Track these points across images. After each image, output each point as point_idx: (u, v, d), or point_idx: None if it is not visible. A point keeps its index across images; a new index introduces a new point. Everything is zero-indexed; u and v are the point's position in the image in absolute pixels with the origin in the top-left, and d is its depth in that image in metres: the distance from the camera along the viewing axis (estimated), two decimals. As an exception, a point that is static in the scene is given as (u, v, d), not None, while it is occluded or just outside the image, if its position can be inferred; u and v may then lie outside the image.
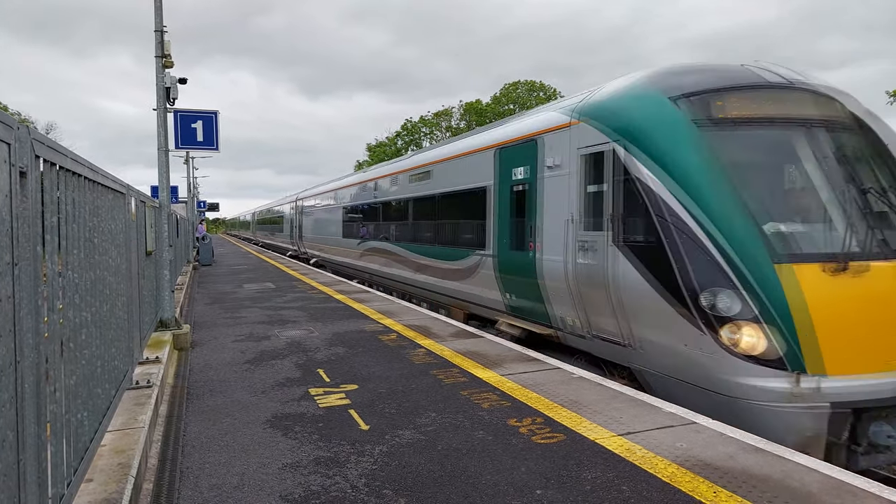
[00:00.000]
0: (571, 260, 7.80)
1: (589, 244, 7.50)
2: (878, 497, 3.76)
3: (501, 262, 9.89)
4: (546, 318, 8.74)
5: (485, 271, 10.52)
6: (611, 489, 3.99)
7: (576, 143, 7.88)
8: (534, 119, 9.48)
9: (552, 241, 8.31)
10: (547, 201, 8.53)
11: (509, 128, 10.35)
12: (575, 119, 7.99)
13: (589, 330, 7.72)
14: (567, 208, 7.98)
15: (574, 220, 7.82)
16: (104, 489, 3.53)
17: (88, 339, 3.74)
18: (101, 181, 4.29)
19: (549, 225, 8.43)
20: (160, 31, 9.01)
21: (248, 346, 8.70)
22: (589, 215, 7.61)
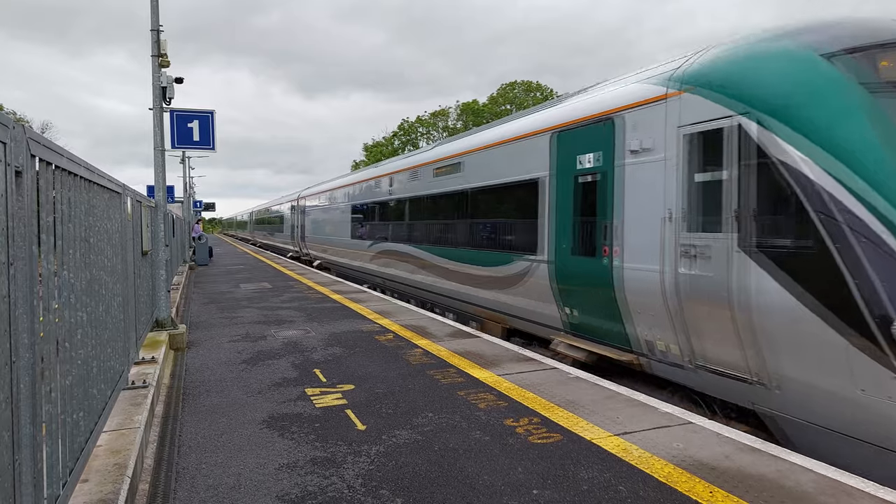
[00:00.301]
0: (669, 269, 6.32)
1: (699, 249, 5.97)
2: (874, 497, 3.78)
3: (560, 270, 8.30)
4: (624, 341, 7.28)
5: (536, 280, 8.89)
6: (608, 489, 3.99)
7: (676, 120, 6.34)
8: (608, 94, 7.76)
9: (637, 244, 6.84)
10: (629, 194, 7.01)
11: (569, 106, 8.59)
12: (675, 89, 6.42)
13: (692, 359, 6.26)
14: (662, 203, 6.48)
15: (673, 219, 6.31)
16: (100, 490, 3.52)
17: (84, 340, 3.73)
18: (97, 181, 4.27)
19: (633, 224, 6.93)
20: (156, 31, 8.99)
21: (244, 347, 8.69)
22: (698, 212, 6.09)
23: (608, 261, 7.31)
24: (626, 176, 7.08)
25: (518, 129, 9.86)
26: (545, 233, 8.68)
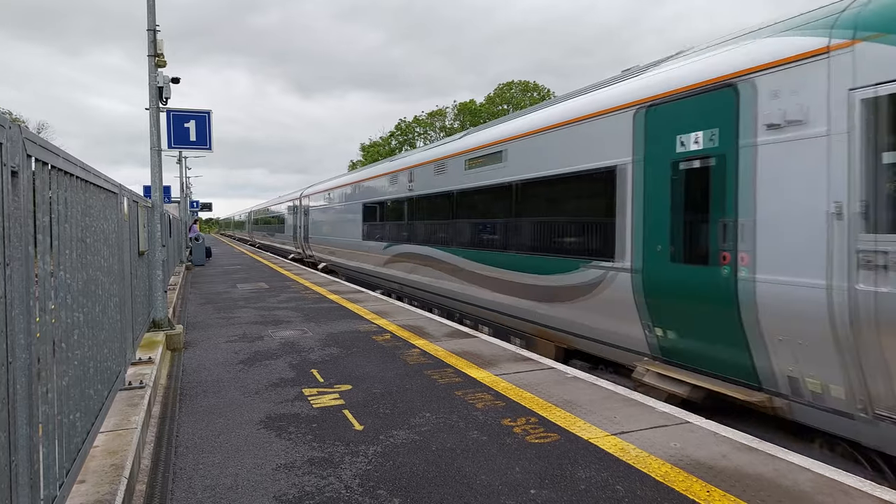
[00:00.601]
0: (840, 284, 4.80)
1: (891, 257, 4.47)
2: (870, 495, 3.78)
3: (649, 280, 6.77)
4: (749, 375, 5.79)
5: (612, 292, 7.35)
6: (605, 489, 4.00)
7: (847, 80, 4.81)
8: (723, 55, 6.19)
9: (780, 249, 5.31)
10: (766, 183, 5.45)
11: (661, 75, 6.97)
12: (843, 38, 4.89)
13: (868, 405, 4.78)
14: (824, 194, 4.94)
15: (846, 215, 4.77)
16: (97, 490, 3.51)
17: (81, 340, 3.72)
18: (94, 181, 4.26)
19: (774, 223, 5.39)
20: (153, 31, 8.97)
21: (241, 347, 8.68)
22: (890, 206, 4.56)
23: (730, 270, 5.76)
24: (759, 159, 5.51)
25: (582, 107, 8.09)
26: (627, 234, 7.14)
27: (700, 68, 6.36)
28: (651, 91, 6.91)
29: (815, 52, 5.13)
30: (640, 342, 7.08)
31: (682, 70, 6.62)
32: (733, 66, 5.89)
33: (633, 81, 7.42)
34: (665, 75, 6.86)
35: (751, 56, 5.74)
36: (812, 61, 5.14)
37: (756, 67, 5.61)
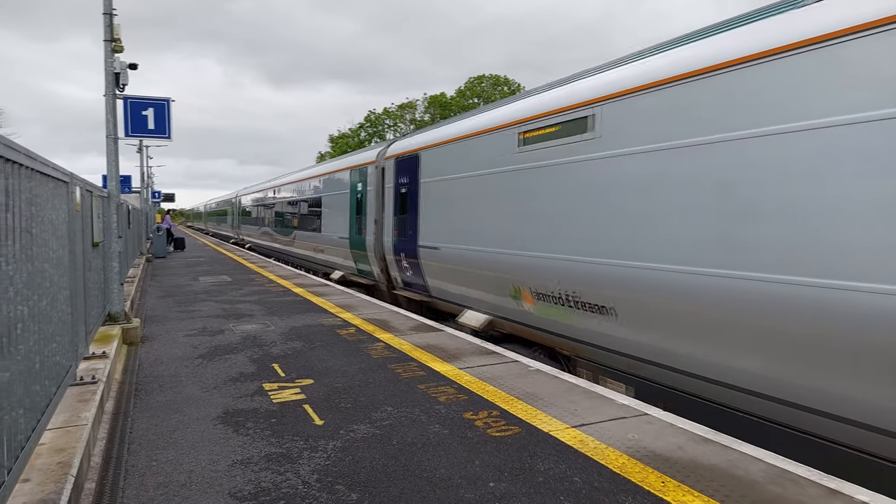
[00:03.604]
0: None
1: None
2: (818, 484, 3.88)
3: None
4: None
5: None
6: (563, 480, 4.02)
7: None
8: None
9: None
10: None
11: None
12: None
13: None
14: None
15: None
16: (41, 489, 3.39)
17: (25, 334, 3.59)
18: (41, 169, 4.11)
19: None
20: (109, 14, 8.69)
21: (201, 341, 8.51)
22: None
23: None
24: None
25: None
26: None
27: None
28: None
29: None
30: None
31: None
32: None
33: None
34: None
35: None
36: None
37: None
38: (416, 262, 11.98)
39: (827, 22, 4.74)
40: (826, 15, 4.81)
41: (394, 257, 13.31)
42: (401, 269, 13.12)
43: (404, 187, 12.72)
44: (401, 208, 12.85)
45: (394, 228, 13.20)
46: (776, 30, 5.25)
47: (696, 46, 6.17)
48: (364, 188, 15.45)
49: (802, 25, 4.99)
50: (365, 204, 15.27)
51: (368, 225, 14.92)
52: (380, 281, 14.87)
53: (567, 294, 7.51)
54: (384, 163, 14.20)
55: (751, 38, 5.47)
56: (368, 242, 14.91)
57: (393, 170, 13.50)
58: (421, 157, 12.04)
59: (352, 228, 16.25)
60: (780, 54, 5.08)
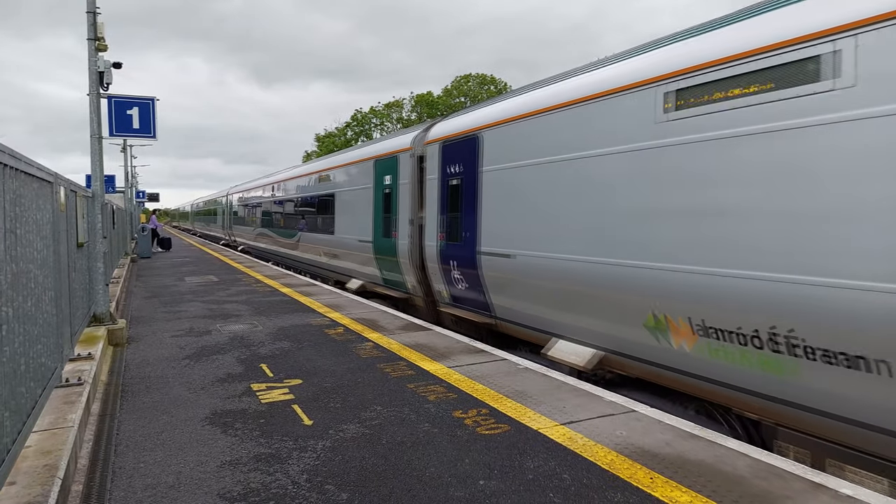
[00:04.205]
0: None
1: None
2: (803, 479, 3.93)
3: None
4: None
5: None
6: (552, 477, 4.04)
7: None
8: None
9: None
10: None
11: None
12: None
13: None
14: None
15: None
16: (28, 492, 3.36)
17: (10, 336, 3.55)
18: (25, 169, 4.07)
19: None
20: (93, 13, 8.61)
21: (187, 342, 8.46)
22: None
23: None
24: None
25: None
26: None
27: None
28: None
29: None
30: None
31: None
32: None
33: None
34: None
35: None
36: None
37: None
38: (475, 274, 9.38)
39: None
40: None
41: (439, 266, 10.60)
42: (449, 280, 10.41)
43: (455, 178, 10.09)
44: (450, 205, 10.23)
45: (440, 230, 10.57)
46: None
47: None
48: (394, 181, 12.73)
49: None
50: (395, 200, 12.56)
51: (401, 226, 12.25)
52: (414, 294, 12.20)
53: (779, 333, 4.95)
54: (423, 149, 11.46)
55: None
56: (401, 247, 12.23)
57: (438, 157, 10.72)
58: (482, 140, 9.30)
59: (377, 230, 13.59)
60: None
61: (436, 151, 10.83)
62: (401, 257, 12.25)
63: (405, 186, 12.17)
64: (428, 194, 11.12)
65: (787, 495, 3.72)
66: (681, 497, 3.73)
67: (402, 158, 12.41)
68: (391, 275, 13.18)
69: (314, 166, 20.38)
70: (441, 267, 10.57)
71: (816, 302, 4.62)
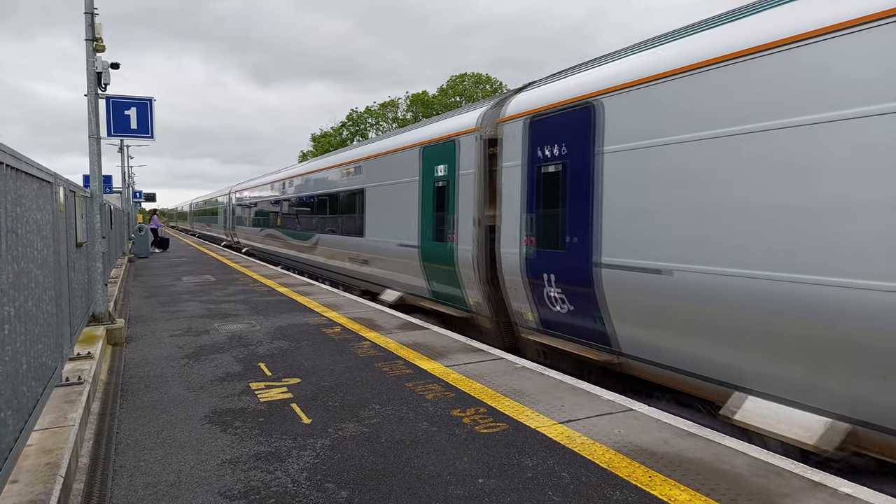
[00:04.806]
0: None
1: None
2: (801, 477, 3.97)
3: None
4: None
5: None
6: (551, 476, 4.07)
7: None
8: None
9: None
10: None
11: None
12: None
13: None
14: None
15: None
16: (30, 490, 3.38)
17: (12, 335, 3.56)
18: (25, 169, 4.08)
19: None
20: (90, 13, 8.61)
21: (186, 341, 8.46)
22: None
23: None
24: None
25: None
26: None
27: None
28: None
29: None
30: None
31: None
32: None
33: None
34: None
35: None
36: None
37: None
38: (588, 293, 7.09)
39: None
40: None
41: (524, 280, 8.27)
42: (539, 299, 8.09)
43: (552, 163, 7.75)
44: (543, 199, 7.92)
45: (525, 233, 8.22)
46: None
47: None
48: (451, 171, 10.34)
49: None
50: (452, 195, 10.23)
51: (460, 227, 9.94)
52: (478, 312, 9.88)
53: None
54: (497, 129, 9.15)
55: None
56: (460, 254, 9.92)
57: (523, 137, 8.35)
58: (601, 109, 6.92)
59: (424, 232, 11.27)
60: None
61: (518, 130, 8.48)
62: (460, 267, 9.95)
63: (467, 177, 9.87)
64: (505, 186, 8.78)
65: (785, 493, 3.75)
66: (679, 495, 3.76)
67: (462, 143, 10.07)
68: (444, 288, 10.83)
69: (337, 158, 17.88)
70: (528, 281, 8.21)
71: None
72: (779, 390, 5.15)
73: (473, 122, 9.81)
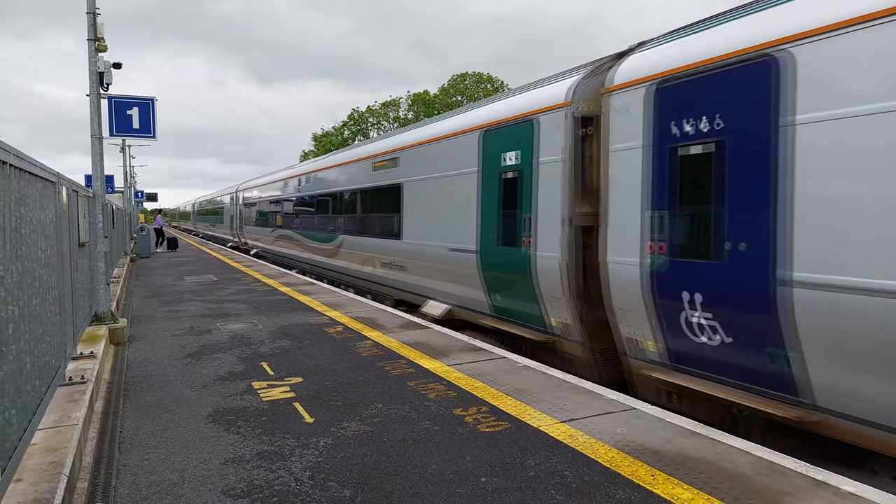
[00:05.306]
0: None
1: None
2: (804, 476, 3.97)
3: None
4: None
5: None
6: (553, 475, 4.07)
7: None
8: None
9: None
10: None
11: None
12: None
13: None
14: None
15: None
16: (34, 489, 3.39)
17: (16, 335, 3.57)
18: (29, 169, 4.09)
19: None
20: (92, 13, 8.63)
21: (188, 340, 8.48)
22: None
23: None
24: None
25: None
26: None
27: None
28: None
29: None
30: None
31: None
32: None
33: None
34: None
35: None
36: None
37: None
38: (765, 321, 5.25)
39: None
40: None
41: (651, 299, 6.41)
42: (673, 325, 6.23)
43: (700, 142, 5.83)
44: (684, 192, 6.02)
45: (651, 236, 6.37)
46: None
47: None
48: (526, 159, 8.50)
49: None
50: (529, 189, 8.42)
51: (541, 228, 8.17)
52: (565, 336, 8.08)
53: None
54: (604, 101, 7.13)
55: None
56: (541, 262, 8.16)
57: (646, 110, 6.46)
58: (791, 64, 5.06)
59: (485, 234, 9.45)
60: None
61: (637, 102, 6.60)
62: (539, 277, 8.22)
63: (551, 166, 8.00)
64: (614, 176, 6.92)
65: (788, 492, 3.76)
66: (682, 494, 3.77)
67: (543, 123, 8.19)
68: (513, 303, 9.09)
69: (364, 150, 15.77)
70: (653, 300, 6.40)
71: None
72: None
73: (562, 96, 7.88)
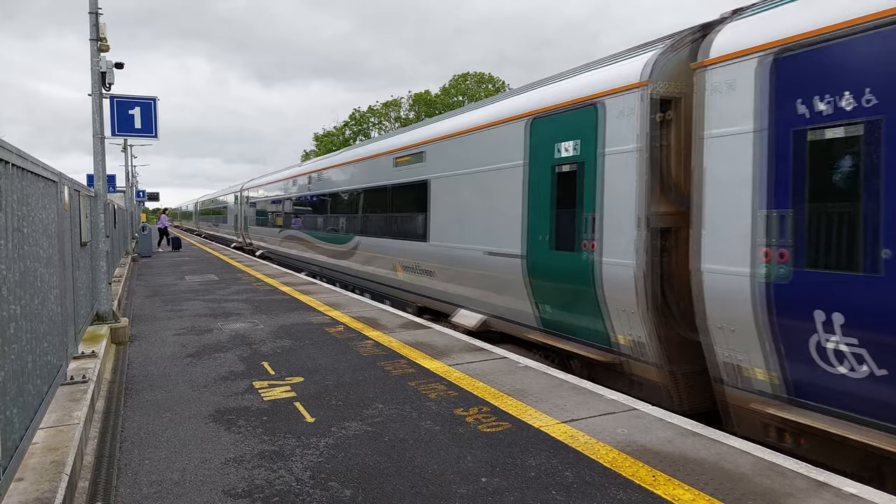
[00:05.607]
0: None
1: None
2: (806, 477, 3.97)
3: None
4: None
5: None
6: (554, 475, 4.08)
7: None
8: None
9: None
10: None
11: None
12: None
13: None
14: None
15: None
16: (36, 488, 3.39)
17: (18, 334, 3.58)
18: (31, 168, 4.10)
19: None
20: (95, 13, 8.64)
21: (189, 340, 8.49)
22: None
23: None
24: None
25: None
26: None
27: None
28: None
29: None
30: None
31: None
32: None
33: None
34: None
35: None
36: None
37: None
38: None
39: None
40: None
41: (767, 317, 5.24)
42: (798, 351, 5.06)
43: (843, 124, 4.66)
44: (819, 187, 4.83)
45: (772, 241, 5.18)
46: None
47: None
48: (588, 149, 7.30)
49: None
50: (591, 185, 7.25)
51: (607, 229, 7.02)
52: (636, 356, 6.91)
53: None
54: (697, 78, 5.89)
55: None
56: (607, 269, 6.99)
57: (761, 86, 5.26)
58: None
59: (534, 236, 8.29)
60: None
61: (745, 77, 5.42)
62: (605, 288, 7.06)
63: (620, 157, 6.84)
64: (710, 167, 5.76)
65: (789, 493, 3.75)
66: (683, 495, 3.77)
67: (610, 107, 7.01)
68: (568, 316, 7.93)
69: (385, 144, 14.29)
70: (769, 320, 5.23)
71: None
72: None
73: (636, 75, 6.67)
